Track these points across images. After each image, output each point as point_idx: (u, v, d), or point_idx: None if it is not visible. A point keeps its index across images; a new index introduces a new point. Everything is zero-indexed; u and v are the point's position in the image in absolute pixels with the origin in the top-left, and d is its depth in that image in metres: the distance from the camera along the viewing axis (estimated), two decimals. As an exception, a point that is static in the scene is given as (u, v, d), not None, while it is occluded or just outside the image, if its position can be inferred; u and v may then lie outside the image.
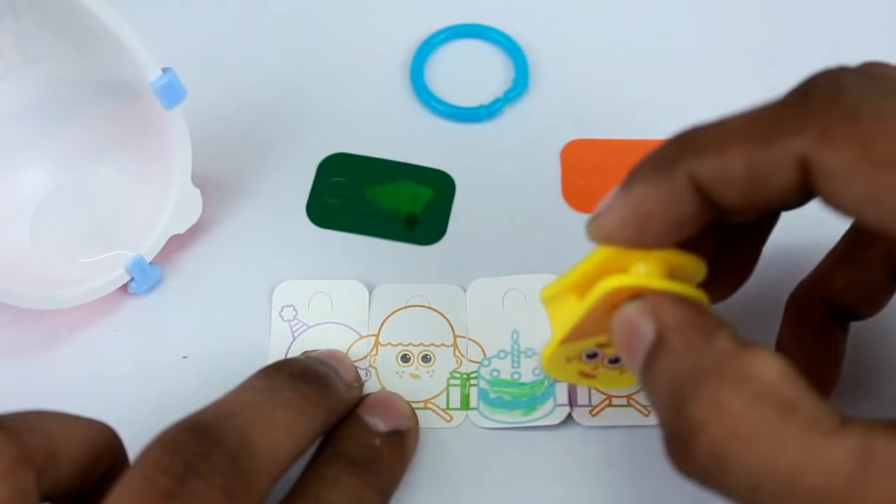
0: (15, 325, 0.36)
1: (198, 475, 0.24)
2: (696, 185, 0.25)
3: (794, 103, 0.24)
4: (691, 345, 0.24)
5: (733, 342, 0.24)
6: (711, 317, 0.25)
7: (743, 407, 0.22)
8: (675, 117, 0.28)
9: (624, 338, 0.26)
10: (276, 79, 0.42)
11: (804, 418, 0.22)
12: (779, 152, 0.23)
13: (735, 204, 0.25)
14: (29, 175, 0.37)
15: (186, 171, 0.36)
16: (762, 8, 0.44)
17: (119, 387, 0.35)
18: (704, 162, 0.24)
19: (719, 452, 0.22)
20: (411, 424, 0.33)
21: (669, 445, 0.24)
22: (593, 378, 0.31)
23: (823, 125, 0.23)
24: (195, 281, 0.38)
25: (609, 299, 0.26)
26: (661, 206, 0.25)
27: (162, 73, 0.33)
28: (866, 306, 0.32)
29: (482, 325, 0.36)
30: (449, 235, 0.39)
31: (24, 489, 0.24)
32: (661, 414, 0.24)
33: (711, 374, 0.23)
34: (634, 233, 0.25)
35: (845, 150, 0.22)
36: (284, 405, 0.29)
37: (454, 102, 0.41)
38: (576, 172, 0.40)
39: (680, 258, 0.26)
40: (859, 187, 0.22)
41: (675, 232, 0.26)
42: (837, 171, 0.22)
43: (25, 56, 0.35)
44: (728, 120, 0.25)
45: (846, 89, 0.23)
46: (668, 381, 0.24)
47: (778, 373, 0.23)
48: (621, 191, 0.26)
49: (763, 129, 0.24)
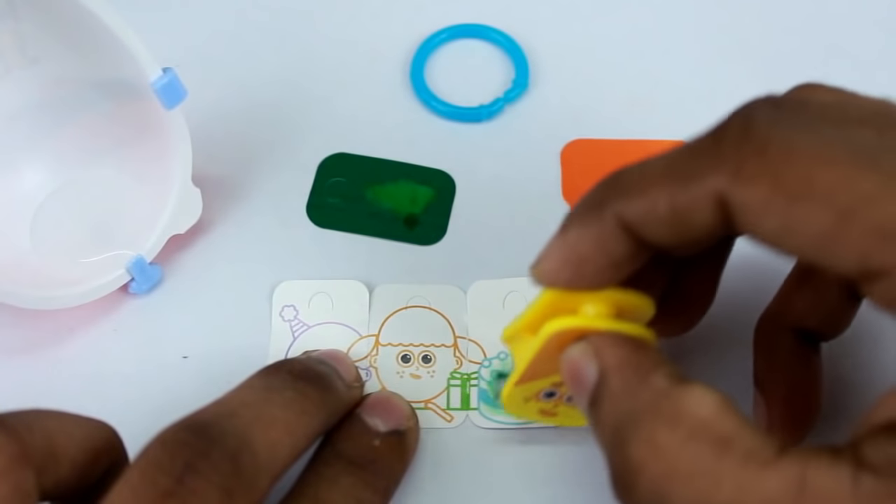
0: (15, 325, 0.36)
1: (197, 474, 0.24)
2: (624, 226, 0.25)
3: (709, 141, 0.24)
4: (629, 385, 0.25)
5: (669, 380, 0.24)
6: (651, 355, 0.25)
7: (678, 445, 0.23)
8: (675, 117, 0.28)
9: (571, 379, 0.27)
10: (276, 79, 0.42)
11: (740, 451, 0.22)
12: (697, 191, 0.24)
13: (665, 242, 0.25)
14: (29, 175, 0.37)
15: (186, 171, 0.36)
16: (762, 8, 0.44)
17: (119, 387, 0.35)
18: (630, 203, 0.25)
19: (660, 491, 0.23)
20: (411, 424, 0.33)
21: (614, 485, 0.24)
22: (554, 416, 0.32)
23: (736, 162, 0.23)
24: (195, 281, 0.38)
25: (557, 341, 0.27)
26: (594, 247, 0.26)
27: (162, 74, 0.33)
28: (831, 326, 0.32)
29: (482, 327, 0.36)
30: (449, 235, 0.39)
31: (24, 488, 0.24)
32: (606, 454, 0.25)
33: (647, 414, 0.24)
34: (572, 275, 0.26)
35: (758, 185, 0.23)
36: (284, 405, 0.29)
37: (454, 102, 0.41)
38: (576, 172, 0.40)
39: (627, 297, 0.27)
40: (775, 220, 0.23)
41: (612, 272, 0.26)
42: (752, 206, 0.23)
43: (25, 56, 0.35)
44: (651, 161, 0.26)
45: (756, 123, 0.23)
46: (610, 422, 0.25)
47: (712, 408, 0.23)
48: (558, 234, 0.27)
49: (681, 168, 0.24)
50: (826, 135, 0.23)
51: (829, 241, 0.22)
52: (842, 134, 0.23)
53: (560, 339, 0.27)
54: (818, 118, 0.24)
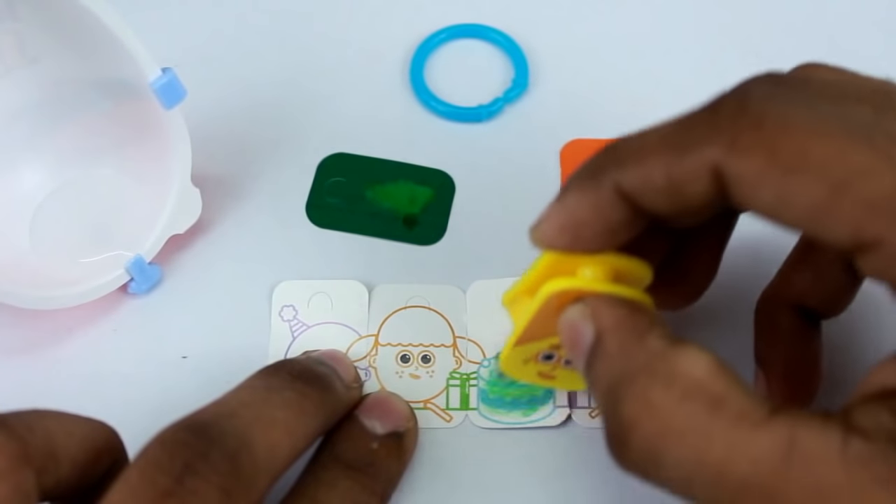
0: (15, 325, 0.36)
1: (196, 474, 0.24)
2: (621, 194, 0.26)
3: (706, 114, 0.25)
4: (625, 345, 0.25)
5: (664, 341, 0.25)
6: (647, 317, 0.26)
7: (672, 404, 0.23)
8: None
9: (568, 339, 0.27)
10: (276, 79, 0.42)
11: (731, 411, 0.23)
12: (692, 162, 0.24)
13: (662, 211, 0.26)
14: (29, 175, 0.37)
15: (186, 171, 0.36)
16: (762, 7, 0.44)
17: (118, 387, 0.35)
18: (627, 172, 0.25)
19: (652, 449, 0.23)
20: (410, 426, 0.33)
21: (609, 443, 0.25)
22: (552, 379, 0.32)
23: (732, 134, 0.24)
24: (195, 281, 0.38)
25: (555, 302, 0.27)
26: (591, 213, 0.26)
27: (162, 73, 0.33)
28: (832, 305, 0.32)
29: (482, 327, 0.36)
30: (448, 235, 0.39)
31: (24, 488, 0.24)
32: (601, 412, 0.25)
33: (642, 373, 0.24)
34: (570, 239, 0.27)
35: (753, 157, 0.23)
36: (284, 405, 0.29)
37: (454, 102, 0.41)
38: (576, 172, 0.40)
39: (624, 262, 0.27)
40: (770, 192, 0.23)
41: (609, 237, 0.27)
42: (748, 178, 0.23)
43: (25, 56, 0.35)
44: (649, 131, 0.26)
45: (752, 98, 0.24)
46: (605, 381, 0.25)
47: (706, 368, 0.24)
48: (557, 199, 0.27)
49: (678, 139, 0.25)
50: (822, 110, 0.23)
51: (822, 213, 0.22)
52: (838, 110, 0.23)
53: (558, 300, 0.27)
54: (816, 94, 0.24)
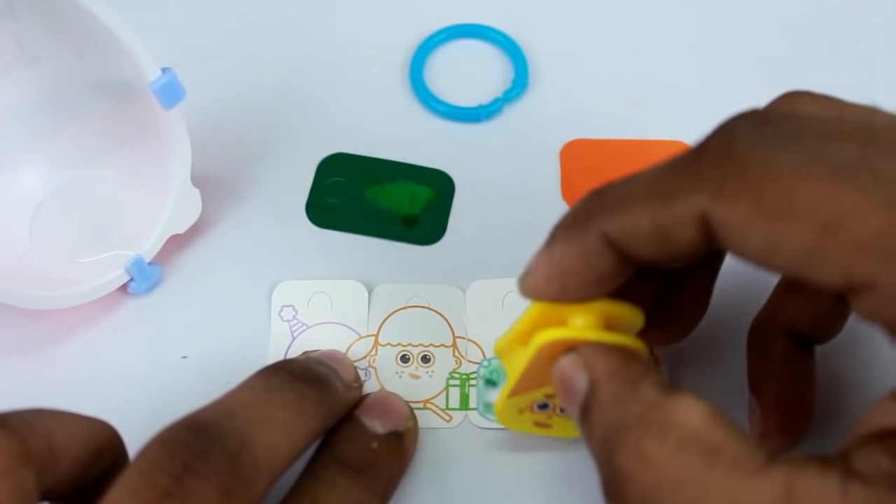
0: (15, 325, 0.36)
1: (196, 474, 0.24)
2: (609, 242, 0.26)
3: (691, 160, 0.24)
4: (618, 395, 0.25)
5: (658, 390, 0.24)
6: (640, 365, 0.26)
7: (667, 455, 0.23)
8: (675, 117, 0.28)
9: (562, 389, 0.27)
10: (276, 79, 0.42)
11: (728, 460, 0.23)
12: (678, 209, 0.24)
13: (649, 257, 0.25)
14: (28, 175, 0.37)
15: (186, 171, 0.36)
16: (761, 8, 0.44)
17: (118, 387, 0.35)
18: (613, 220, 0.25)
19: (649, 500, 0.23)
20: (410, 425, 0.33)
21: (605, 492, 0.25)
22: (549, 427, 0.32)
23: (717, 181, 0.23)
24: (195, 281, 0.38)
25: (547, 352, 0.27)
26: (579, 262, 0.26)
27: (161, 73, 0.33)
28: (824, 330, 0.32)
29: (482, 327, 0.36)
30: (448, 235, 0.39)
31: (24, 487, 0.24)
32: (597, 463, 0.25)
33: (637, 424, 0.24)
34: (559, 289, 0.27)
35: (739, 204, 0.23)
36: (284, 405, 0.29)
37: (453, 102, 0.41)
38: (576, 172, 0.40)
39: (615, 308, 0.27)
40: (758, 238, 0.23)
41: (597, 286, 0.26)
42: (735, 225, 0.23)
43: (25, 56, 0.35)
44: (634, 178, 0.26)
45: (737, 143, 0.23)
46: (600, 432, 0.25)
47: (701, 417, 0.23)
48: (544, 248, 0.27)
49: (664, 187, 0.25)
50: (807, 151, 0.23)
51: (812, 257, 0.22)
52: (823, 150, 0.23)
53: (550, 350, 0.27)
54: (799, 133, 0.24)
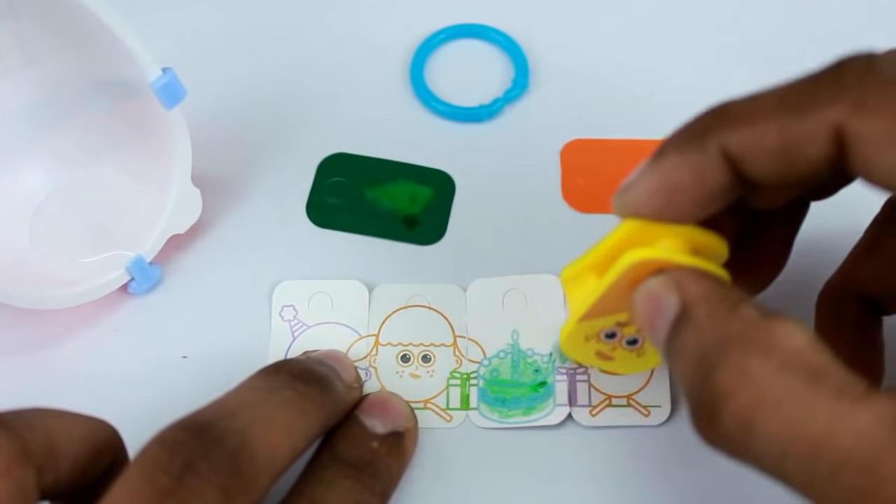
0: (15, 325, 0.36)
1: (196, 474, 0.24)
2: (727, 158, 0.25)
3: (829, 76, 0.24)
4: (716, 315, 0.24)
5: (759, 311, 0.24)
6: (736, 289, 0.25)
7: (770, 374, 0.22)
8: (675, 117, 0.28)
9: (647, 312, 0.26)
10: (276, 78, 0.42)
11: (832, 385, 0.22)
12: (813, 122, 0.23)
13: (766, 177, 0.25)
14: (28, 175, 0.37)
15: (186, 171, 0.36)
16: (760, 8, 0.44)
17: (118, 387, 0.35)
18: (737, 133, 0.25)
19: (747, 419, 0.22)
20: (410, 425, 0.33)
21: (696, 415, 0.24)
22: (610, 360, 0.31)
23: (858, 95, 0.23)
24: (195, 281, 0.38)
25: (631, 274, 0.26)
26: (691, 177, 0.25)
27: (162, 73, 0.33)
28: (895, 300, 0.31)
29: (482, 325, 0.36)
30: (449, 235, 0.39)
31: (24, 487, 0.24)
32: (686, 385, 0.24)
33: (738, 342, 0.23)
34: (662, 204, 0.26)
35: (880, 118, 0.22)
36: (284, 405, 0.29)
37: (454, 102, 0.41)
38: (576, 172, 0.40)
39: (703, 236, 0.26)
40: (893, 155, 0.22)
41: (704, 205, 0.26)
42: (872, 140, 0.23)
43: (25, 56, 0.35)
44: (761, 93, 0.25)
45: (880, 62, 0.23)
46: (694, 351, 0.24)
47: (804, 341, 0.23)
48: (651, 162, 0.26)
49: (797, 100, 0.24)
50: None
51: None
52: None
53: (635, 272, 0.26)
54: None
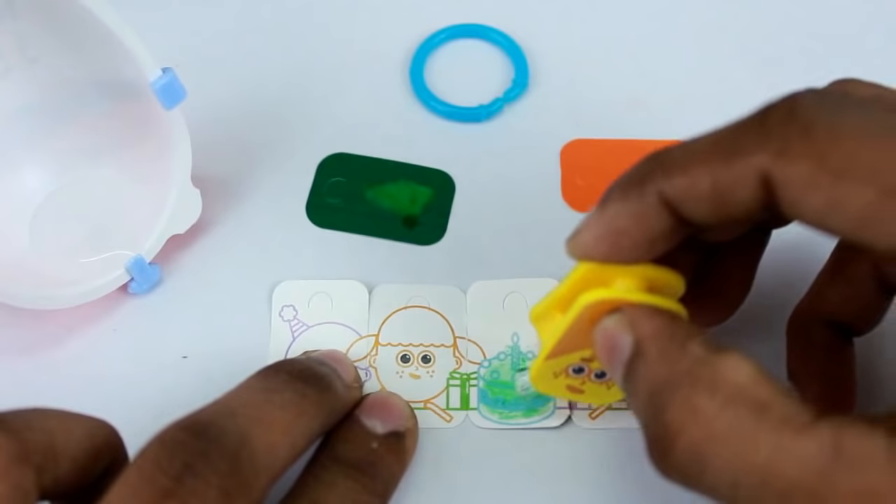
0: (15, 325, 0.36)
1: (196, 474, 0.24)
2: (665, 203, 0.26)
3: (754, 123, 0.25)
4: (666, 353, 0.25)
5: (706, 348, 0.25)
6: (685, 326, 0.26)
7: (716, 409, 0.23)
8: (675, 117, 0.28)
9: (605, 350, 0.27)
10: (276, 79, 0.42)
11: (776, 416, 0.23)
12: (740, 169, 0.24)
13: (704, 220, 0.26)
14: (29, 175, 0.37)
15: (186, 171, 0.36)
16: (761, 8, 0.44)
17: (118, 387, 0.35)
18: (672, 180, 0.26)
19: (697, 453, 0.23)
20: (410, 425, 0.33)
21: (651, 450, 0.25)
22: (581, 393, 0.32)
23: (781, 141, 0.24)
24: (195, 281, 0.38)
25: (590, 313, 0.27)
26: (633, 222, 0.26)
27: (162, 73, 0.33)
28: (864, 320, 0.32)
29: (482, 327, 0.36)
30: (449, 235, 0.39)
31: (23, 486, 0.24)
32: (641, 421, 0.25)
33: (685, 379, 0.24)
34: (609, 248, 0.27)
35: (802, 163, 0.23)
36: (284, 405, 0.29)
37: (454, 102, 0.41)
38: (576, 172, 0.40)
39: (658, 273, 0.28)
40: (819, 198, 0.23)
41: (648, 247, 0.27)
42: (797, 184, 0.23)
43: (25, 56, 0.35)
44: (694, 141, 0.26)
45: (801, 106, 0.24)
46: (646, 389, 0.25)
47: (749, 375, 0.24)
48: (597, 209, 0.27)
49: (725, 147, 0.25)
50: (871, 116, 0.23)
51: (872, 219, 0.22)
52: (886, 116, 0.23)
53: (593, 311, 0.27)
54: (862, 103, 0.24)
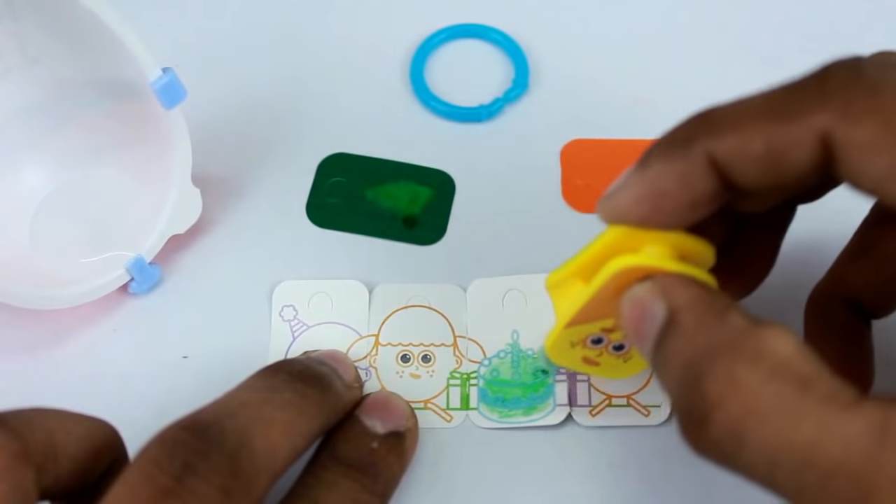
0: (15, 325, 0.36)
1: (196, 474, 0.24)
2: (713, 164, 0.25)
3: (815, 82, 0.24)
4: (704, 323, 0.24)
5: (746, 319, 0.24)
6: (724, 296, 0.25)
7: (759, 382, 0.22)
8: (675, 117, 0.28)
9: (634, 319, 0.26)
10: (276, 79, 0.42)
11: (821, 393, 0.22)
12: (799, 128, 0.23)
13: (752, 183, 0.25)
14: (29, 175, 0.37)
15: (186, 171, 0.36)
16: (760, 7, 0.44)
17: (119, 387, 0.35)
18: (723, 140, 0.24)
19: (736, 428, 0.22)
20: (410, 425, 0.33)
21: (684, 424, 0.24)
22: (596, 365, 0.31)
23: (845, 101, 0.23)
24: (195, 281, 0.38)
25: (618, 280, 0.26)
26: (677, 183, 0.25)
27: (162, 73, 0.33)
28: (885, 304, 0.31)
29: (482, 325, 0.36)
30: (449, 235, 0.39)
31: (23, 486, 0.24)
32: (674, 393, 0.24)
33: (726, 350, 0.23)
34: (649, 210, 0.25)
35: (867, 125, 0.22)
36: (284, 405, 0.29)
37: (454, 102, 0.41)
38: (576, 172, 0.40)
39: (690, 242, 0.26)
40: (882, 162, 0.22)
41: (690, 211, 0.26)
42: (860, 146, 0.22)
43: (25, 56, 0.35)
44: (747, 99, 0.25)
45: (867, 69, 0.23)
46: (682, 359, 0.24)
47: (793, 349, 0.23)
48: (637, 168, 0.26)
49: (783, 106, 0.24)
50: None
51: None
52: None
53: (622, 278, 0.26)
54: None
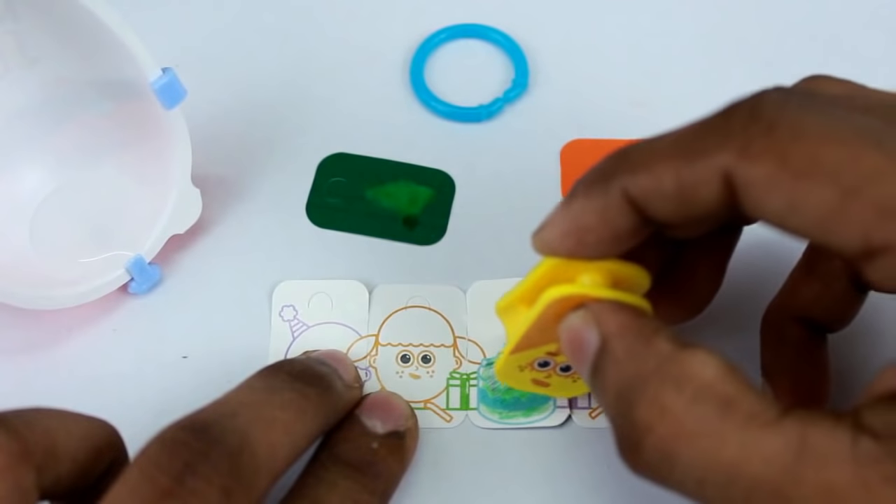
0: (15, 325, 0.36)
1: (197, 474, 0.24)
2: (629, 200, 0.26)
3: (718, 121, 0.25)
4: (632, 349, 0.25)
5: (672, 343, 0.25)
6: (651, 321, 0.26)
7: (684, 406, 0.24)
8: (674, 117, 0.28)
9: (570, 346, 0.27)
10: (276, 79, 0.42)
11: (742, 413, 0.23)
12: (703, 168, 0.24)
13: (668, 218, 0.26)
14: (29, 175, 0.37)
15: (186, 171, 0.36)
16: (760, 8, 0.44)
17: (118, 387, 0.35)
18: (637, 178, 0.26)
19: (666, 451, 0.24)
20: (410, 425, 0.33)
21: (621, 448, 0.25)
22: (546, 386, 0.32)
23: (743, 140, 0.24)
24: (195, 281, 0.38)
25: (555, 309, 0.27)
26: (597, 218, 0.26)
27: (162, 73, 0.33)
28: (837, 318, 0.32)
29: (482, 327, 0.36)
30: (449, 235, 0.39)
31: (23, 486, 0.24)
32: (610, 418, 0.26)
33: (653, 377, 0.24)
34: (574, 244, 0.27)
35: (764, 163, 0.23)
36: (284, 405, 0.29)
37: (454, 102, 0.41)
38: (576, 172, 0.40)
39: (623, 269, 0.28)
40: (780, 198, 0.23)
41: (613, 244, 0.27)
42: (758, 184, 0.23)
43: (25, 56, 0.35)
44: (659, 138, 0.26)
45: (765, 106, 0.24)
46: (614, 386, 0.25)
47: (716, 371, 0.24)
48: (563, 204, 0.27)
49: (689, 145, 0.25)
50: (833, 116, 0.23)
51: (832, 219, 0.22)
52: (849, 116, 0.23)
53: (558, 306, 0.27)
54: (826, 103, 0.24)
